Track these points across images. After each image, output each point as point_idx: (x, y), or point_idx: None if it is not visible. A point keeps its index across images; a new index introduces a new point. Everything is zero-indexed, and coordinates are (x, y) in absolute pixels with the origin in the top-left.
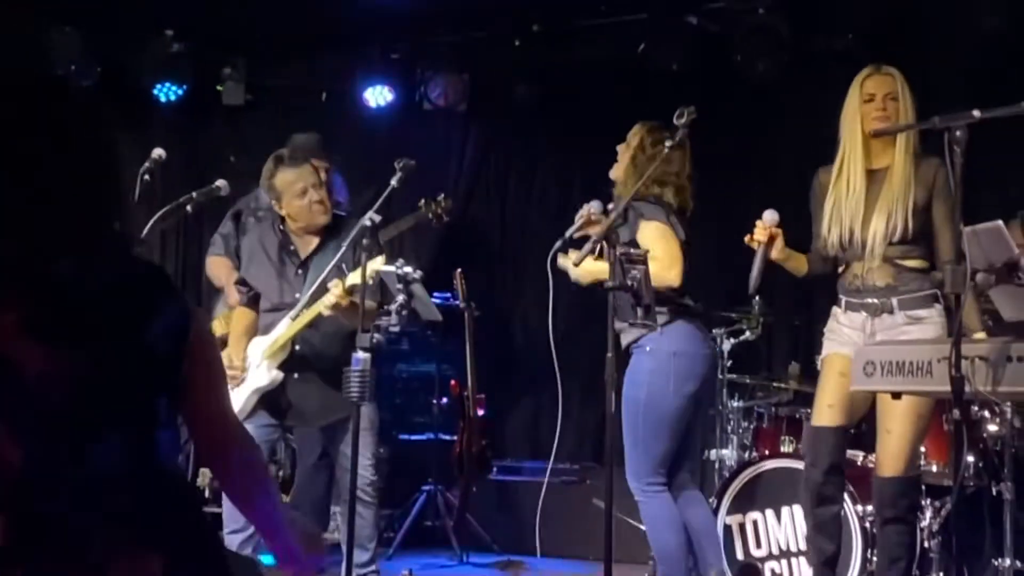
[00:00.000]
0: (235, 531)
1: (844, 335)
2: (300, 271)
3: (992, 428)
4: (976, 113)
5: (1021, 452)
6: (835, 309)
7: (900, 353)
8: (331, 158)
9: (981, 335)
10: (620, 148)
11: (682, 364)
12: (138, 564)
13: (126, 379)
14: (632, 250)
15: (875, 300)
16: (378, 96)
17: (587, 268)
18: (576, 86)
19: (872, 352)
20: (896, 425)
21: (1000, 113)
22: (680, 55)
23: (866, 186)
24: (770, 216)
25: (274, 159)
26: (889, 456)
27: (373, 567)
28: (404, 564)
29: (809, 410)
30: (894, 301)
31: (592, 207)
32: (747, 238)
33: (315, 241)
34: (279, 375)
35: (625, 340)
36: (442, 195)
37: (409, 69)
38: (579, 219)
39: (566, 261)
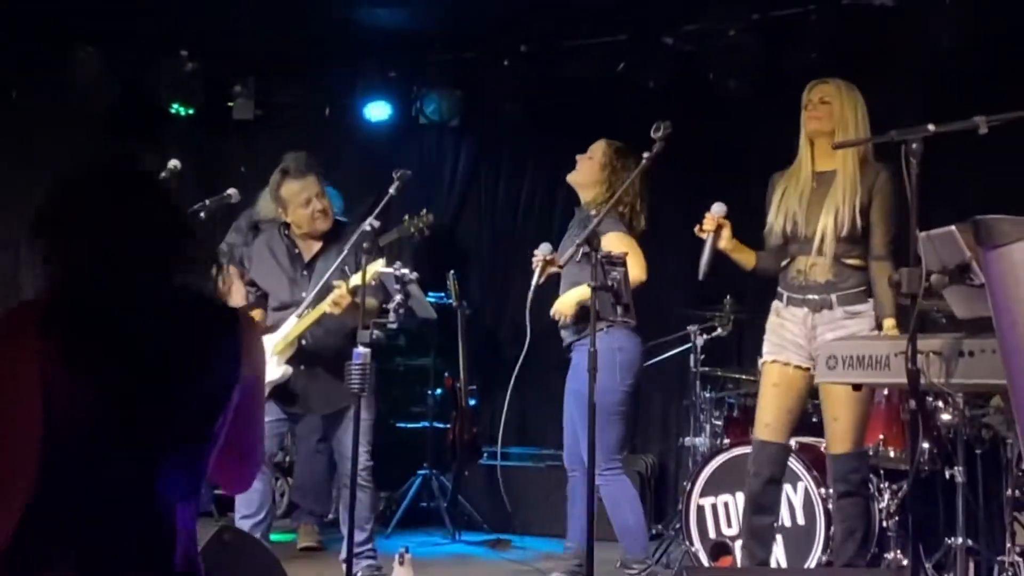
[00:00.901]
0: (246, 516)
1: (785, 333)
2: (305, 272)
3: (945, 417)
4: (931, 127)
5: (972, 439)
6: (776, 304)
7: (861, 348)
8: (321, 173)
9: (891, 322)
10: (580, 157)
11: (624, 359)
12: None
13: (157, 413)
14: (612, 253)
15: (816, 296)
16: (377, 111)
17: (566, 300)
18: (561, 102)
19: (835, 347)
20: (841, 412)
21: (953, 127)
22: (657, 73)
23: (814, 186)
24: (718, 208)
25: (280, 172)
26: (838, 438)
27: (370, 546)
28: (401, 542)
29: None
30: (833, 297)
31: (541, 251)
32: (696, 228)
33: (318, 245)
34: (288, 369)
35: (567, 339)
36: (424, 210)
37: (406, 86)
38: (537, 266)
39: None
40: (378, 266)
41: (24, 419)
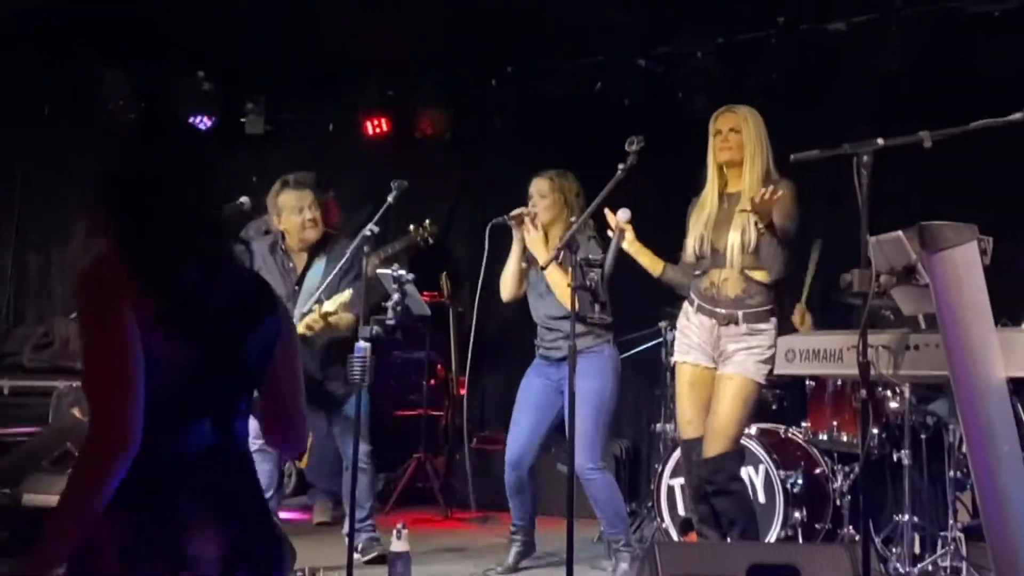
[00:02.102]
0: None
1: (693, 337)
2: (297, 287)
3: (893, 405)
4: (880, 141)
5: (918, 425)
6: (687, 307)
7: (816, 342)
8: (327, 193)
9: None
10: (536, 202)
11: (620, 374)
12: (216, 527)
13: (228, 372)
14: (591, 256)
15: (724, 311)
16: (376, 126)
17: (553, 278)
18: (543, 118)
19: (793, 341)
20: (723, 407)
21: (900, 141)
22: (631, 92)
23: (722, 206)
24: (623, 214)
25: (281, 182)
26: (713, 434)
27: (370, 521)
28: (398, 519)
29: None
30: (740, 314)
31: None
32: (610, 232)
33: (304, 257)
34: None
35: (581, 345)
36: (428, 221)
37: (402, 104)
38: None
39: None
40: (377, 267)
41: (132, 347)
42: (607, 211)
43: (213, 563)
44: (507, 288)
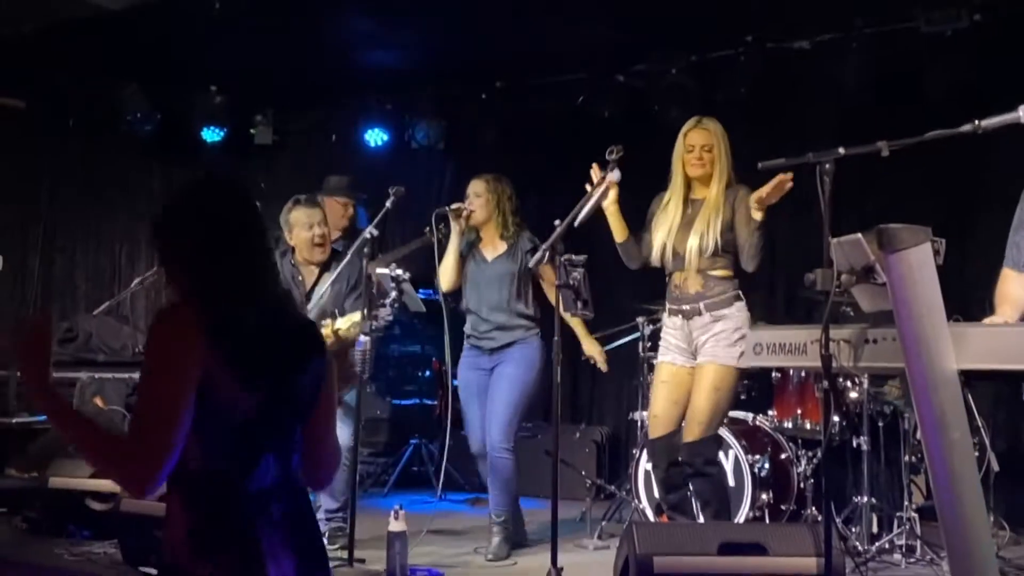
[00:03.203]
0: None
1: (670, 339)
2: (305, 299)
3: (853, 395)
4: (841, 150)
5: (875, 413)
6: (664, 316)
7: (782, 336)
8: (358, 196)
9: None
10: (472, 200)
11: (543, 365)
12: (290, 559)
13: (287, 409)
14: (574, 256)
15: (688, 306)
16: (375, 137)
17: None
18: (529, 130)
19: (760, 335)
20: (699, 395)
21: (860, 151)
22: (611, 105)
23: (685, 212)
24: (614, 174)
25: (293, 200)
26: (692, 421)
27: (341, 513)
28: (395, 500)
29: None
30: (702, 305)
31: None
32: (588, 186)
33: (316, 272)
34: None
35: (507, 340)
36: (442, 225)
37: (399, 116)
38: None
39: None
40: (377, 268)
41: (189, 393)
42: (594, 166)
43: None
44: (446, 278)
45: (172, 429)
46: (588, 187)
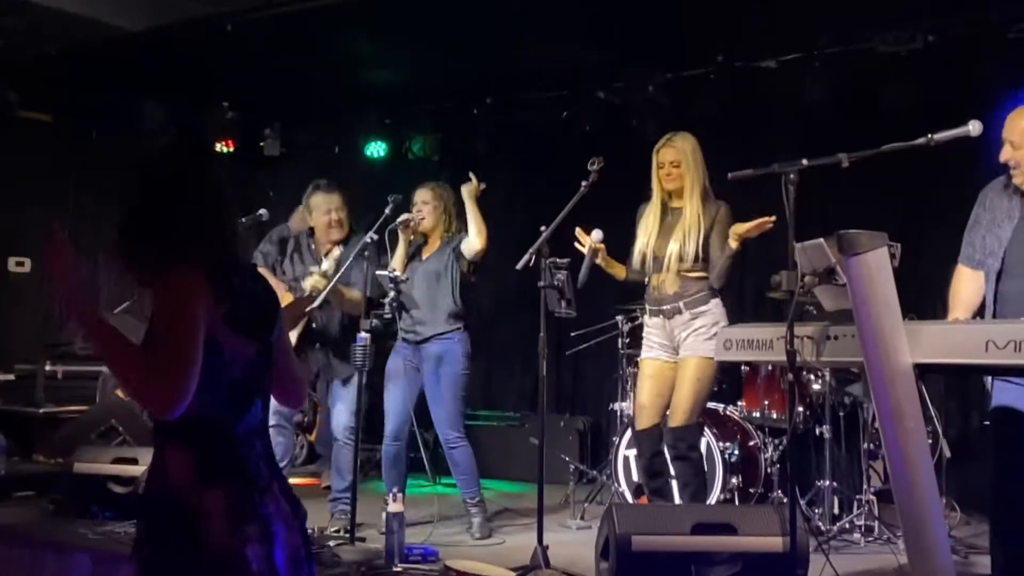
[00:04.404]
0: None
1: (652, 337)
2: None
3: (816, 387)
4: (804, 161)
5: (837, 404)
6: (645, 317)
7: (751, 333)
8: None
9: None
10: (421, 208)
11: (470, 355)
12: (278, 484)
13: (268, 360)
14: (558, 260)
15: (668, 306)
16: (375, 149)
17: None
18: (517, 142)
19: (731, 332)
20: (682, 386)
21: (822, 162)
22: (592, 120)
23: (664, 220)
24: (596, 235)
25: (313, 185)
26: (677, 409)
27: (347, 494)
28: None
29: None
30: (681, 304)
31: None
32: (578, 244)
33: (329, 247)
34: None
35: (433, 332)
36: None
37: (397, 130)
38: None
39: None
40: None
41: (202, 338)
42: (579, 231)
43: (278, 516)
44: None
45: (194, 357)
46: (583, 183)
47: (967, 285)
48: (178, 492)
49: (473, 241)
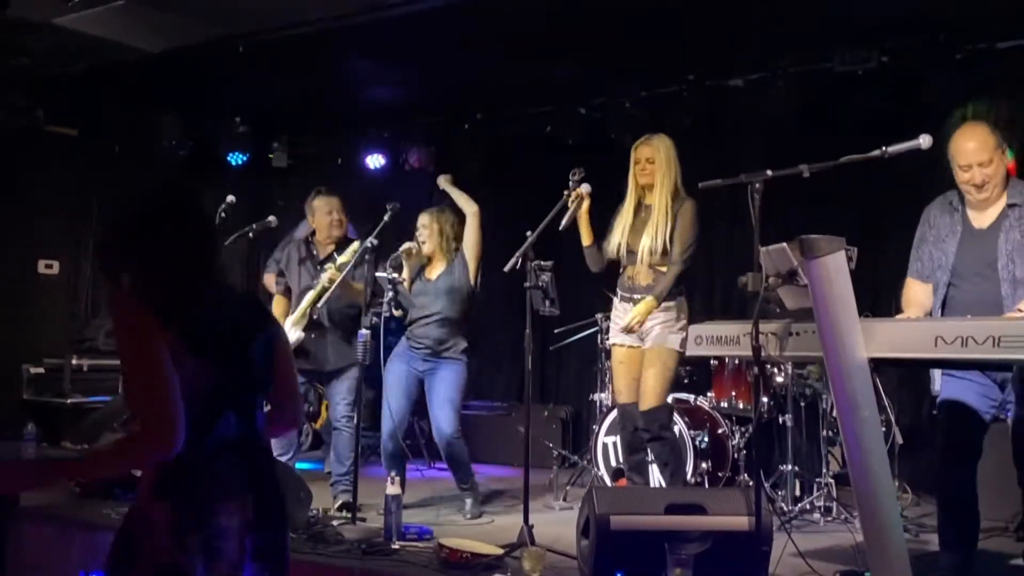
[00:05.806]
0: (281, 454)
1: (619, 323)
2: (318, 267)
3: (779, 379)
4: (769, 172)
5: (798, 395)
6: (615, 300)
7: (719, 329)
8: (341, 202)
9: (652, 301)
10: (422, 234)
11: (468, 362)
12: (241, 500)
13: (244, 374)
14: (543, 262)
15: (639, 295)
16: (374, 161)
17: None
18: (505, 154)
19: (701, 329)
20: (650, 373)
21: (785, 172)
22: (574, 134)
23: (638, 215)
24: (585, 187)
25: (315, 191)
26: (645, 394)
27: (348, 477)
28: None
29: None
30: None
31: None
32: (566, 194)
33: (330, 248)
34: (301, 334)
35: (445, 347)
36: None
37: (395, 143)
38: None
39: None
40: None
41: (168, 362)
42: (571, 184)
43: (236, 531)
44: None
45: (167, 390)
46: (565, 192)
47: (917, 293)
48: (136, 505)
49: (466, 211)
